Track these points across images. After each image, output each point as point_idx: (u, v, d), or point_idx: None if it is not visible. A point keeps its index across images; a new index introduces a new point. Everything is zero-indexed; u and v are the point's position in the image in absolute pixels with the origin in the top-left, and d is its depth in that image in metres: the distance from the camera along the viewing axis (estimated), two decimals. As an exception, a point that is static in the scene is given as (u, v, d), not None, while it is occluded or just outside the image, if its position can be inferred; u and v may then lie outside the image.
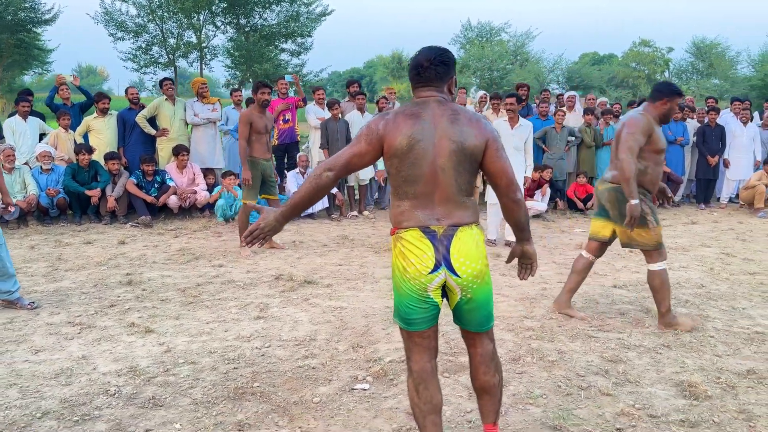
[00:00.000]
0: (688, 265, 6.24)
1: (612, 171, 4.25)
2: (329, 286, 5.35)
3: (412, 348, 2.55)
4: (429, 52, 2.46)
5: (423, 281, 2.39)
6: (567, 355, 3.87)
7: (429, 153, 2.34)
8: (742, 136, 9.79)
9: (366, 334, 4.23)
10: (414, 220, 2.41)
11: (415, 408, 2.54)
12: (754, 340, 4.12)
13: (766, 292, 5.22)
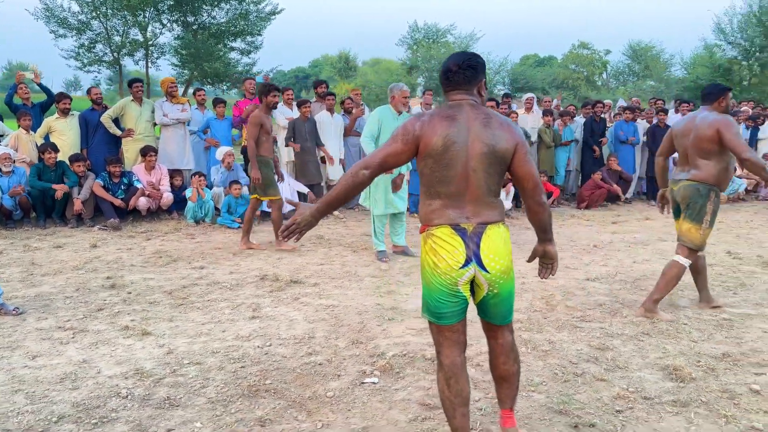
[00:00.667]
0: (650, 258, 6.62)
1: (693, 170, 4.43)
2: (316, 285, 5.43)
3: (443, 342, 2.66)
4: (458, 57, 2.61)
5: (454, 276, 2.52)
6: (557, 344, 4.10)
7: (462, 154, 2.47)
8: (688, 136, 10.37)
9: (362, 331, 4.34)
10: (445, 218, 2.54)
11: (445, 401, 2.65)
12: (723, 326, 4.46)
13: (725, 282, 5.64)
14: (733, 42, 31.80)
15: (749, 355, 3.91)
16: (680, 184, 4.54)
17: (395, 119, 6.18)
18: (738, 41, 31.69)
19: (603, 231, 8.19)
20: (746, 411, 3.18)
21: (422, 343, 4.11)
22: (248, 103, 8.77)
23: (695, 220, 4.46)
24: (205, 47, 23.90)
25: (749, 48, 31.64)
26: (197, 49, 23.73)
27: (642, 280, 5.69)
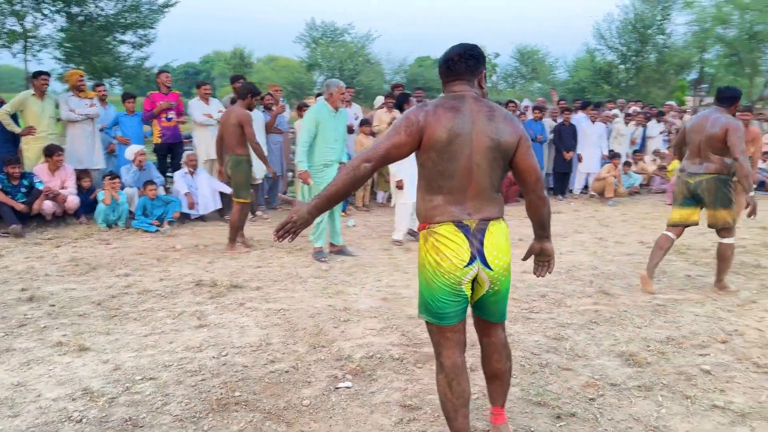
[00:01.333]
0: (573, 249, 6.95)
1: (705, 163, 5.00)
2: (259, 289, 5.20)
3: (443, 343, 2.60)
4: (459, 47, 2.54)
5: (458, 275, 2.46)
6: (515, 336, 4.17)
7: (467, 148, 2.41)
8: (592, 134, 11.03)
9: (320, 334, 4.20)
10: (447, 215, 2.47)
11: (447, 403, 2.60)
12: (659, 311, 4.75)
13: (647, 270, 6.02)
14: (612, 46, 34.04)
15: (690, 338, 4.19)
16: (699, 177, 5.03)
17: (333, 117, 6.06)
18: (616, 46, 33.94)
19: (522, 225, 8.47)
20: (705, 391, 3.40)
21: (385, 343, 4.05)
22: (163, 98, 8.25)
23: (727, 206, 5.02)
24: (92, 40, 22.26)
25: (626, 52, 33.94)
26: (84, 42, 22.05)
27: (573, 270, 5.95)
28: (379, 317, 4.55)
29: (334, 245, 6.46)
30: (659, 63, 32.97)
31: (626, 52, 34.04)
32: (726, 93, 5.12)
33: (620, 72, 34.56)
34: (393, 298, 5.01)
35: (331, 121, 6.03)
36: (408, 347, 3.98)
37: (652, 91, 32.66)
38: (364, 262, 6.15)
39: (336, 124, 6.10)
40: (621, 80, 34.42)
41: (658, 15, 32.10)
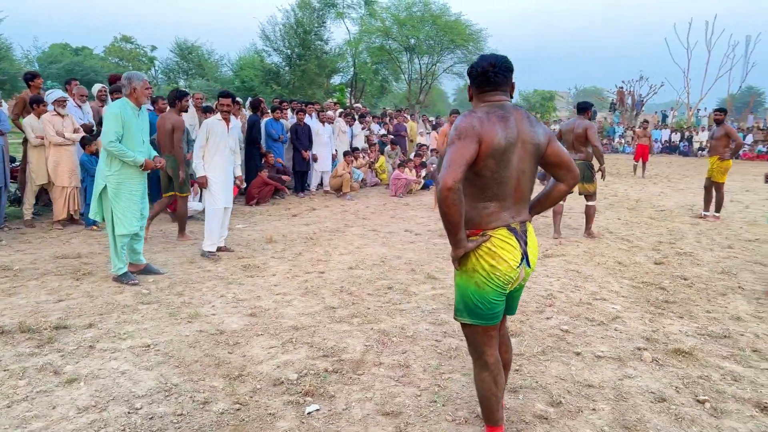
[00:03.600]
0: (368, 243, 7.40)
1: (577, 153, 7.51)
2: (94, 326, 4.29)
3: (486, 342, 2.71)
4: (493, 58, 2.63)
5: (512, 275, 2.61)
6: (414, 331, 4.41)
7: (516, 156, 2.55)
8: (323, 134, 11.66)
9: (222, 364, 3.77)
10: (501, 220, 2.58)
11: (491, 398, 2.72)
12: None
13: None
14: (277, 49, 35.59)
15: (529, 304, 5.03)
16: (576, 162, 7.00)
17: (136, 114, 5.26)
18: (281, 49, 35.62)
19: (298, 224, 8.60)
20: (578, 345, 4.20)
21: (303, 358, 3.86)
22: None
23: (590, 181, 7.75)
24: None
25: (291, 55, 35.91)
26: None
27: (390, 260, 6.39)
28: (267, 334, 4.27)
29: (138, 264, 5.63)
30: (320, 67, 35.71)
31: (291, 55, 35.92)
32: (582, 105, 7.55)
33: (287, 74, 36.38)
34: (260, 312, 4.71)
35: (135, 120, 5.24)
36: (329, 358, 3.88)
37: (316, 93, 35.30)
38: (181, 280, 5.53)
39: (141, 124, 5.33)
40: (288, 81, 36.30)
41: (315, 22, 34.78)
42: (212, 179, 6.23)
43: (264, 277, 5.72)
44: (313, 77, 35.46)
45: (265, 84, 35.80)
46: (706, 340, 4.40)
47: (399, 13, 27.72)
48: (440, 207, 2.44)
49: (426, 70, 29.92)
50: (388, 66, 32.61)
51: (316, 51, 36.15)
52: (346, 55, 34.30)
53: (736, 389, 3.59)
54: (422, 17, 27.19)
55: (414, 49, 28.22)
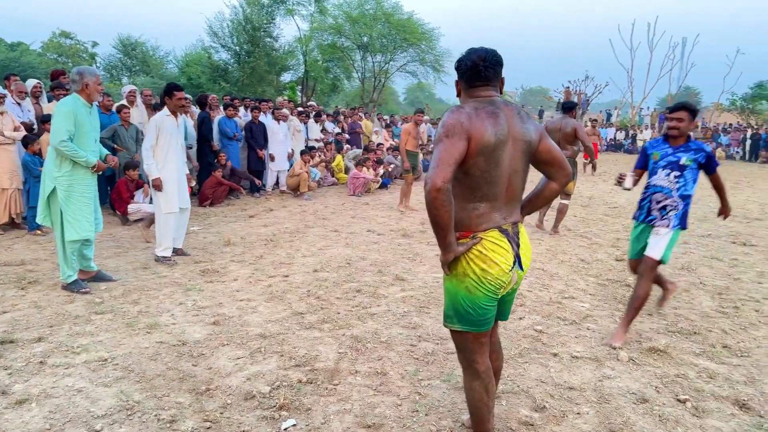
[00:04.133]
0: (331, 244, 7.21)
1: (563, 151, 6.58)
2: (43, 340, 3.97)
3: (477, 350, 2.58)
4: (482, 52, 2.48)
5: (504, 279, 2.48)
6: (387, 336, 4.27)
7: (507, 154, 2.41)
8: (278, 132, 11.37)
9: (186, 378, 3.53)
10: (492, 221, 2.45)
11: (482, 407, 2.60)
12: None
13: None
14: (225, 45, 34.86)
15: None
16: None
17: (89, 112, 4.93)
18: (230, 45, 34.91)
19: (256, 225, 8.32)
20: (554, 346, 4.14)
21: (274, 369, 3.67)
22: None
23: (572, 178, 7.41)
24: None
25: (239, 52, 35.26)
26: None
27: (356, 261, 6.22)
28: (232, 343, 4.04)
29: (89, 271, 5.29)
30: (270, 65, 35.19)
31: (240, 52, 35.27)
32: (568, 105, 7.67)
33: (236, 71, 35.72)
34: (224, 320, 4.46)
35: (87, 118, 4.91)
36: (302, 368, 3.69)
37: (266, 90, 34.75)
38: (136, 287, 5.22)
39: (93, 122, 4.99)
40: (237, 79, 35.65)
41: (264, 19, 34.20)
42: (166, 180, 5.90)
43: (225, 283, 5.46)
44: (262, 74, 34.87)
45: (213, 81, 35.01)
46: (677, 337, 4.41)
47: (351, 10, 27.49)
48: (428, 209, 2.29)
49: (379, 69, 29.80)
50: (339, 64, 32.36)
51: (265, 48, 35.56)
52: (297, 52, 33.87)
53: (714, 387, 3.59)
54: (375, 15, 27.04)
55: (367, 47, 28.05)
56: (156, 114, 6.06)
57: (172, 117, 5.95)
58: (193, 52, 36.86)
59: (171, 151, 5.89)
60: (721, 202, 4.68)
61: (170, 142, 5.89)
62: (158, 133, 5.83)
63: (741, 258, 7.00)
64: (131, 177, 8.01)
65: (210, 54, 35.52)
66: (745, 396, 3.47)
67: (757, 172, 20.38)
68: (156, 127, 5.83)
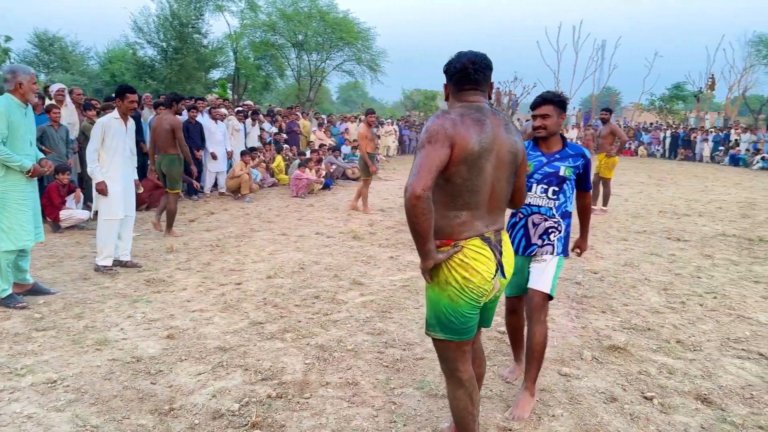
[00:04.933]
0: (282, 248, 7.02)
1: None
2: (-20, 363, 3.64)
3: (460, 358, 2.53)
4: (472, 55, 2.43)
5: (486, 288, 2.44)
6: (353, 344, 4.17)
7: (491, 162, 2.37)
8: (217, 132, 11.01)
9: (146, 398, 3.32)
10: (474, 230, 2.41)
11: (467, 416, 2.56)
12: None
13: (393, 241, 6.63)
14: (151, 41, 33.64)
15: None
16: None
17: (23, 113, 4.57)
18: (156, 41, 33.73)
19: (198, 229, 8.01)
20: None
21: (240, 384, 3.51)
22: None
23: None
24: None
25: (166, 49, 34.13)
26: None
27: (309, 266, 6.08)
28: (191, 358, 3.84)
29: (25, 284, 4.91)
30: (199, 62, 34.24)
31: (166, 48, 34.13)
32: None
33: (163, 68, 34.54)
34: (178, 333, 4.24)
35: (22, 119, 4.56)
36: (270, 382, 3.54)
37: (196, 88, 33.79)
38: (77, 300, 4.89)
39: (29, 124, 4.64)
40: (165, 76, 34.47)
41: (192, 15, 33.20)
42: (110, 185, 5.57)
43: (173, 293, 5.20)
44: (191, 72, 33.86)
45: (139, 78, 33.70)
46: (633, 334, 4.54)
47: (286, 8, 27.07)
48: (408, 216, 2.23)
49: (315, 68, 29.49)
50: (272, 61, 31.84)
51: (194, 44, 34.57)
52: (226, 49, 33.08)
53: (675, 383, 3.70)
54: (309, 13, 26.72)
55: (302, 45, 27.70)
56: (104, 116, 5.75)
57: (121, 120, 5.64)
58: (117, 48, 35.37)
59: (117, 156, 5.58)
60: (581, 231, 3.72)
61: (117, 146, 5.58)
62: (104, 136, 5.51)
63: (678, 253, 7.31)
64: (62, 181, 7.54)
65: (135, 50, 34.22)
66: (705, 390, 3.59)
67: (678, 169, 21.52)
68: (102, 129, 5.51)
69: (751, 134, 25.11)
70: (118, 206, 5.65)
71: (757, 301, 5.41)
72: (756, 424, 3.22)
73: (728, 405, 3.42)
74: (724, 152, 25.58)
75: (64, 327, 4.28)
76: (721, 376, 3.81)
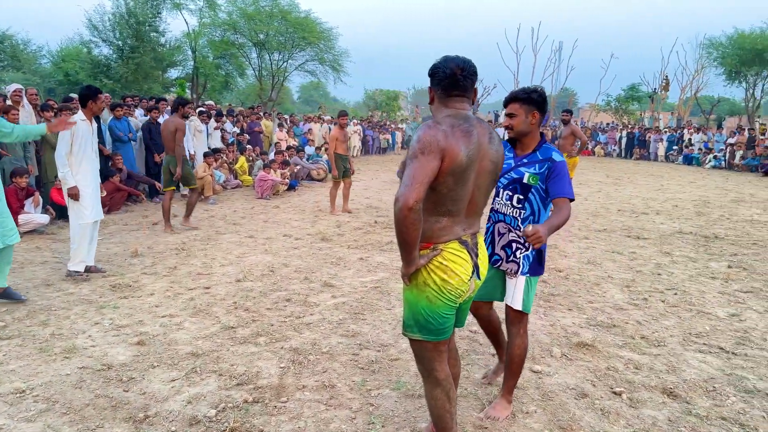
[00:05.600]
0: (248, 251, 6.96)
1: None
2: (-59, 375, 3.52)
3: (436, 358, 2.57)
4: (460, 61, 2.45)
5: (463, 289, 2.50)
6: (328, 346, 4.17)
7: (474, 172, 2.42)
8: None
9: (119, 406, 3.27)
10: (453, 234, 2.46)
11: (445, 414, 2.60)
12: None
13: (362, 243, 6.62)
14: (107, 40, 32.86)
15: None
16: None
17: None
18: (112, 40, 32.97)
19: (161, 232, 7.87)
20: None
21: (215, 390, 3.48)
22: None
23: None
24: None
25: (123, 47, 33.40)
26: None
27: (279, 268, 6.04)
28: (163, 364, 3.79)
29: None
30: (156, 61, 33.61)
31: (123, 47, 33.40)
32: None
33: (119, 67, 33.78)
34: (148, 339, 4.17)
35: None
36: (245, 386, 3.52)
37: (153, 87, 33.17)
38: (41, 306, 4.76)
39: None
40: (121, 75, 33.72)
41: (149, 13, 32.54)
42: (82, 189, 5.42)
43: (141, 298, 5.11)
44: (148, 71, 33.19)
45: (94, 78, 32.85)
46: (599, 330, 4.66)
47: (246, 6, 26.77)
48: (398, 226, 2.26)
49: (277, 68, 29.24)
50: (232, 61, 31.45)
51: (151, 43, 33.90)
52: (185, 48, 32.55)
53: (642, 378, 3.83)
54: (271, 12, 26.49)
55: (264, 44, 27.43)
56: (72, 117, 5.59)
57: (87, 122, 5.49)
58: (70, 47, 34.43)
59: (86, 158, 5.44)
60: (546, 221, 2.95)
61: (85, 148, 5.45)
62: (72, 139, 5.35)
63: (638, 251, 7.53)
64: (20, 185, 7.31)
65: (90, 49, 33.37)
66: (671, 384, 3.72)
67: (634, 169, 22.12)
68: (71, 132, 5.34)
69: (703, 134, 25.99)
70: (91, 209, 5.52)
71: (714, 297, 5.62)
72: (719, 415, 3.35)
73: (693, 398, 3.55)
74: (678, 152, 26.41)
75: (29, 335, 4.16)
76: (684, 370, 3.95)
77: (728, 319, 5.01)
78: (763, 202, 12.71)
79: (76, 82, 33.29)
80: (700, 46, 34.57)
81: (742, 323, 4.90)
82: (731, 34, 32.00)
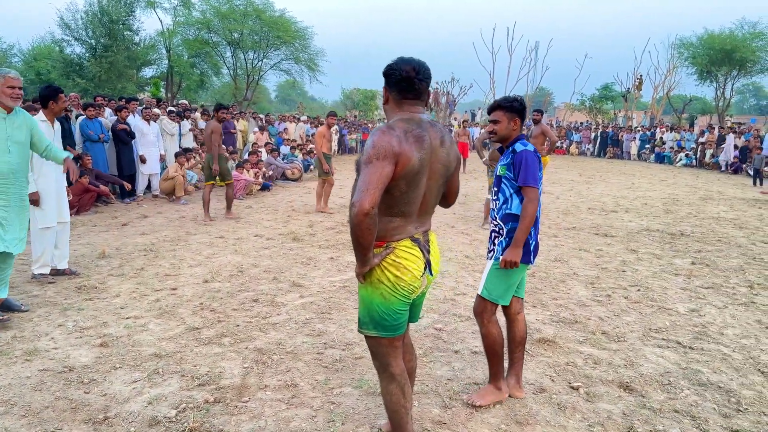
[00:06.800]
0: (217, 252, 6.94)
1: None
2: None
3: (391, 353, 2.63)
4: (417, 64, 2.48)
5: (416, 285, 2.57)
6: (293, 346, 4.20)
7: (425, 175, 2.49)
8: (149, 133, 10.73)
9: (80, 408, 3.25)
10: (406, 232, 2.53)
11: (400, 410, 2.65)
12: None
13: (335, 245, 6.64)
14: (79, 38, 32.40)
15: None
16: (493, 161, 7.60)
17: (3, 119, 4.34)
18: (84, 38, 32.52)
19: (131, 234, 7.81)
20: (462, 341, 4.30)
21: (177, 390, 3.48)
22: None
23: None
24: None
25: (96, 46, 32.96)
26: None
27: (248, 269, 6.04)
28: (126, 366, 3.78)
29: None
30: (130, 59, 33.22)
31: (96, 46, 32.96)
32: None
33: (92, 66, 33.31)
34: (111, 341, 4.16)
35: (2, 125, 4.32)
36: (207, 387, 3.53)
37: (127, 87, 32.79)
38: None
39: (9, 130, 4.37)
40: (94, 74, 33.28)
41: (123, 11, 32.16)
42: (43, 193, 5.34)
43: (106, 299, 5.08)
44: (121, 70, 32.80)
45: (66, 77, 32.37)
46: (561, 327, 4.75)
47: (220, 5, 26.61)
48: (353, 230, 2.30)
49: (252, 66, 29.10)
50: (206, 59, 31.24)
51: (125, 41, 33.49)
52: (159, 46, 32.23)
53: (600, 372, 3.91)
54: (245, 11, 26.38)
55: (238, 43, 27.29)
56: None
57: (48, 123, 5.41)
58: (42, 45, 33.91)
59: (47, 162, 5.34)
60: None
61: None
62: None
63: (605, 248, 7.67)
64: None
65: (62, 47, 32.90)
66: (628, 378, 3.81)
67: (607, 167, 22.44)
68: None
69: (675, 133, 26.45)
70: (53, 213, 5.44)
71: (676, 293, 5.75)
72: (672, 408, 3.44)
73: (648, 392, 3.65)
74: (650, 150, 26.84)
75: (14, 346, 4.12)
76: (642, 365, 4.05)
77: (688, 314, 5.13)
78: (730, 200, 13.00)
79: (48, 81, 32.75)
80: (672, 46, 35.18)
81: (701, 318, 5.03)
82: (701, 35, 32.62)
